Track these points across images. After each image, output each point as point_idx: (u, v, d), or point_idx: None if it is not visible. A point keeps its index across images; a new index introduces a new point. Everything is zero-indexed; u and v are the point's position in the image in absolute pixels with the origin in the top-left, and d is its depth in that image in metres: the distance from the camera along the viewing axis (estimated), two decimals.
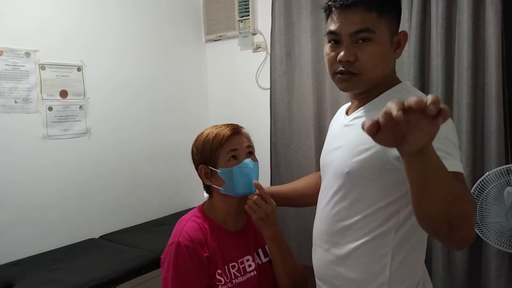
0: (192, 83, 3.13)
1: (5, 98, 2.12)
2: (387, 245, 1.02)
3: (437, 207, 0.78)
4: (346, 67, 1.02)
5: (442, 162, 0.76)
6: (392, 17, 1.04)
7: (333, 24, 1.03)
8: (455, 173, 0.86)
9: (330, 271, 1.12)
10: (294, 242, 2.63)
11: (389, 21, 1.02)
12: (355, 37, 1.00)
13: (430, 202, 0.78)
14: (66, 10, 2.36)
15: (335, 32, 1.03)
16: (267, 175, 2.73)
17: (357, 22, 0.99)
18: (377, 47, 1.00)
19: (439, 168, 0.76)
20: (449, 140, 0.92)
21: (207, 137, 1.21)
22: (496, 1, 1.87)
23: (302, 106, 2.62)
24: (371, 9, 0.99)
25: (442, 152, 0.87)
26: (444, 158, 0.85)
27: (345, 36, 1.01)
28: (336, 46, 1.04)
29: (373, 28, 0.99)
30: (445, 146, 0.89)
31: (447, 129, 0.94)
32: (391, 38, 1.03)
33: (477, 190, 1.81)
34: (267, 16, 2.76)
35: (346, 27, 1.00)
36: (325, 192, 1.16)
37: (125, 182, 2.66)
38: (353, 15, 1.00)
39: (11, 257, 2.10)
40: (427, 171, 0.75)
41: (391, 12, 1.03)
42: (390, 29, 1.03)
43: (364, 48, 1.00)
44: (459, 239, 0.83)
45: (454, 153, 0.91)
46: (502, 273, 1.94)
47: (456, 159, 0.90)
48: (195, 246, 1.13)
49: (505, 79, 1.91)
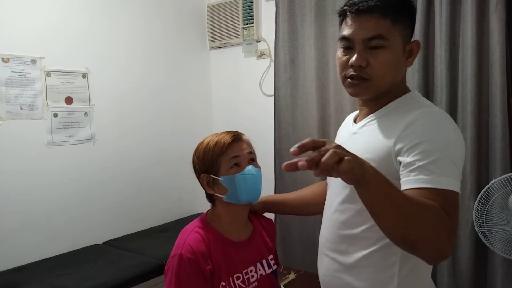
0: (196, 90, 3.14)
1: (11, 105, 2.14)
2: (395, 255, 1.01)
3: (391, 228, 0.82)
4: (357, 71, 1.02)
5: (391, 188, 0.79)
6: (406, 26, 1.03)
7: (347, 29, 1.03)
8: (437, 190, 0.86)
9: (336, 280, 1.11)
10: (298, 249, 2.62)
11: (402, 29, 1.02)
12: (368, 43, 1.00)
13: (383, 224, 0.82)
14: (71, 18, 2.38)
15: (348, 37, 1.02)
16: (271, 181, 2.73)
17: (371, 29, 0.99)
18: (389, 54, 1.00)
19: (385, 194, 0.78)
20: (447, 157, 0.90)
21: (207, 145, 1.20)
22: (500, 8, 1.88)
23: (306, 113, 2.62)
24: (386, 16, 0.99)
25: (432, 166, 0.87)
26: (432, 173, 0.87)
27: (358, 41, 1.01)
28: (348, 51, 1.04)
29: (387, 35, 0.99)
30: (439, 161, 0.88)
31: (449, 144, 0.92)
32: (404, 47, 1.03)
33: (483, 198, 1.80)
34: (271, 23, 2.77)
35: (360, 33, 1.00)
36: (331, 200, 1.15)
37: (129, 188, 2.67)
38: (367, 21, 1.00)
39: (16, 262, 2.11)
40: (370, 198, 0.79)
41: (405, 20, 1.03)
42: (403, 37, 1.03)
43: (376, 55, 1.00)
44: (425, 257, 0.86)
45: (448, 170, 0.89)
46: (507, 282, 1.92)
47: (446, 176, 0.88)
48: (197, 259, 1.11)
49: (509, 87, 1.91)
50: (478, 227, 1.82)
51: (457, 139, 0.96)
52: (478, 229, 1.82)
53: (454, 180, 0.89)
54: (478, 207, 1.80)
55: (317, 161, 0.69)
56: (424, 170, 0.88)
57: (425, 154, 0.89)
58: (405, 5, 1.03)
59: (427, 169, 0.88)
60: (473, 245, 2.01)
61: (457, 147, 0.95)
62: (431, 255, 0.85)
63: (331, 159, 0.69)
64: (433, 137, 0.92)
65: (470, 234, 2.00)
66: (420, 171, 0.88)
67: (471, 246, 2.01)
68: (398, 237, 0.83)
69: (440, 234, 0.82)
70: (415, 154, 0.90)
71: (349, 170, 0.70)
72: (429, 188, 0.87)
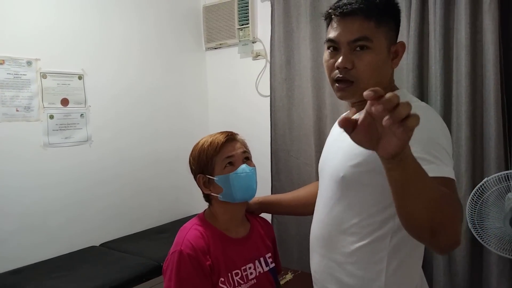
0: (192, 91, 3.14)
1: (7, 107, 2.13)
2: (383, 251, 1.02)
3: (418, 213, 0.78)
4: (343, 74, 1.04)
5: (422, 169, 0.76)
6: (391, 28, 1.05)
7: (333, 31, 1.05)
8: (442, 178, 0.87)
9: (327, 276, 1.12)
10: (295, 249, 2.63)
11: (387, 31, 1.04)
12: (353, 45, 1.02)
13: (411, 207, 0.78)
14: (67, 19, 2.38)
15: (334, 39, 1.05)
16: (268, 181, 2.74)
17: (356, 31, 1.01)
18: (374, 55, 1.02)
19: (418, 175, 0.76)
20: (440, 146, 0.93)
21: (202, 146, 1.22)
22: (493, 8, 1.89)
23: (302, 113, 2.63)
24: (370, 18, 1.00)
25: (430, 157, 0.89)
26: (432, 162, 0.88)
27: (344, 44, 1.03)
28: (335, 53, 1.06)
29: (371, 37, 1.01)
30: (435, 150, 0.91)
31: (439, 134, 0.96)
32: (389, 48, 1.05)
33: (476, 196, 1.81)
34: (266, 24, 2.78)
35: (345, 35, 1.02)
36: (321, 197, 1.17)
37: (126, 189, 2.67)
38: (351, 23, 1.02)
39: (12, 265, 2.10)
40: (406, 178, 0.75)
41: (389, 22, 1.05)
42: (388, 39, 1.04)
43: (361, 56, 1.02)
44: (442, 244, 0.84)
45: (444, 159, 0.92)
46: (503, 280, 1.93)
47: (445, 164, 0.91)
48: (197, 255, 1.13)
49: (503, 85, 1.92)
50: (471, 223, 1.83)
51: (444, 130, 0.99)
52: (472, 226, 1.83)
53: (450, 168, 0.92)
54: (472, 203, 1.82)
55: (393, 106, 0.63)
56: (422, 161, 0.89)
57: (419, 146, 0.90)
58: (389, 7, 1.06)
59: (425, 160, 0.88)
60: (468, 244, 2.02)
61: (446, 137, 0.98)
62: (449, 241, 0.83)
63: (406, 110, 0.63)
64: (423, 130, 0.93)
65: (465, 233, 2.01)
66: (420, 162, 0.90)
67: (466, 245, 2.02)
68: (424, 221, 0.79)
69: (459, 220, 0.83)
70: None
71: (413, 128, 0.64)
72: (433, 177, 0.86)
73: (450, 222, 0.81)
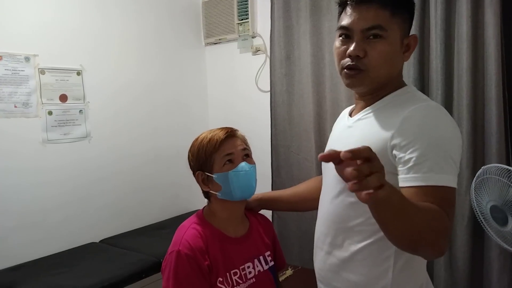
0: (192, 86, 3.13)
1: (5, 103, 2.12)
2: (390, 248, 1.01)
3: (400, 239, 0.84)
4: (354, 61, 1.01)
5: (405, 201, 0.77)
6: (405, 19, 1.04)
7: (346, 18, 1.03)
8: (437, 187, 0.88)
9: (332, 274, 1.11)
10: (296, 245, 2.63)
11: (401, 22, 1.02)
12: (366, 33, 1.00)
13: (392, 235, 0.84)
14: (65, 15, 2.36)
15: (347, 27, 1.02)
16: (268, 177, 2.73)
17: (370, 19, 0.99)
18: (387, 45, 1.00)
19: (398, 211, 0.77)
20: (444, 152, 0.91)
21: (201, 142, 1.19)
22: (495, 2, 1.87)
23: (302, 109, 2.62)
24: (386, 7, 0.99)
25: (431, 163, 0.89)
26: (431, 170, 0.88)
27: (357, 31, 1.01)
28: (346, 40, 1.04)
29: (385, 26, 0.99)
30: (438, 156, 0.90)
31: (446, 139, 0.94)
32: (402, 40, 1.03)
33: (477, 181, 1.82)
34: (266, 19, 2.76)
35: (359, 22, 1.00)
36: (326, 194, 1.15)
37: (125, 186, 2.66)
38: (366, 11, 1.00)
39: (12, 261, 2.10)
40: (385, 216, 0.78)
41: (404, 13, 1.03)
42: (402, 30, 1.03)
43: (374, 45, 1.00)
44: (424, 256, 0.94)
45: (446, 165, 0.90)
46: (504, 275, 1.93)
47: (446, 172, 0.90)
48: (195, 255, 1.11)
49: (505, 80, 1.91)
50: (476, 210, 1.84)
51: (453, 133, 0.96)
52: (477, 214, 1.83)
53: (451, 176, 0.91)
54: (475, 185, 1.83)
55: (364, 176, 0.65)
56: (422, 168, 0.90)
57: (422, 151, 0.90)
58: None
59: (425, 167, 0.89)
60: (469, 240, 2.02)
61: (454, 141, 0.95)
62: (431, 254, 0.91)
63: (374, 183, 0.66)
64: (429, 133, 0.93)
65: (466, 229, 2.01)
66: (418, 168, 0.90)
67: (467, 241, 2.01)
68: (404, 244, 0.86)
69: (442, 236, 0.85)
70: (412, 151, 0.91)
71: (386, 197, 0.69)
72: (427, 186, 0.88)
73: (432, 241, 0.84)
